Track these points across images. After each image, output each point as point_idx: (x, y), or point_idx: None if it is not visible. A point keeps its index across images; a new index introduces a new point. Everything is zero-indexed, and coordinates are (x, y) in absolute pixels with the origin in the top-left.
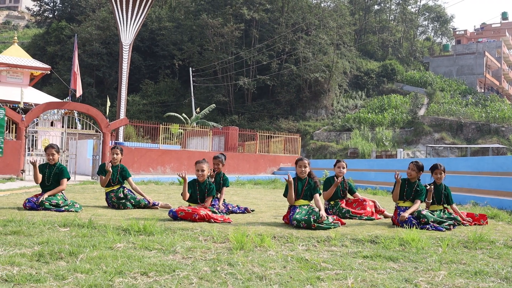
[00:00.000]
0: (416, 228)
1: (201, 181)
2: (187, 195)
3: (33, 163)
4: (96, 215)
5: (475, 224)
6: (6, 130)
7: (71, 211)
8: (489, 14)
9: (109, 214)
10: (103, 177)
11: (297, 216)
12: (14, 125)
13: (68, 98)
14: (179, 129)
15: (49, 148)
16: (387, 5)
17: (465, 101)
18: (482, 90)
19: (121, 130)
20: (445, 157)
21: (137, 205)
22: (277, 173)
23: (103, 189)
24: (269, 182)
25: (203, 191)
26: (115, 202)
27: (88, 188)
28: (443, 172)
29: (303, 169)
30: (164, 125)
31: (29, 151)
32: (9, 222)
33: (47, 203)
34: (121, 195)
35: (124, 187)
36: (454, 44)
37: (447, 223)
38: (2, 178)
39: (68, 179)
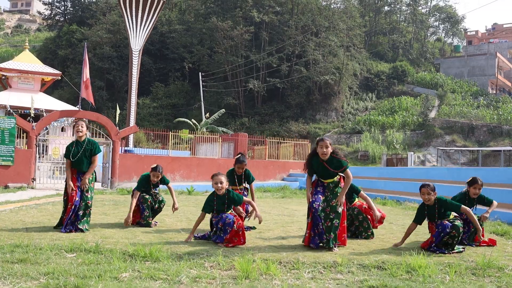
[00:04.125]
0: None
1: (221, 194)
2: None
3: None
4: (103, 237)
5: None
6: (17, 139)
7: (83, 228)
8: (501, 14)
9: (115, 236)
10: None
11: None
12: (24, 134)
13: (78, 106)
14: (189, 134)
15: (78, 121)
16: (397, 6)
17: (476, 103)
18: (494, 92)
19: (131, 136)
20: (456, 160)
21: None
22: (286, 179)
23: (112, 202)
24: (278, 189)
25: (223, 203)
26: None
27: (97, 200)
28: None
29: (324, 150)
30: (173, 132)
31: (39, 158)
32: (16, 247)
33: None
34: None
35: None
36: (465, 45)
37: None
38: (13, 187)
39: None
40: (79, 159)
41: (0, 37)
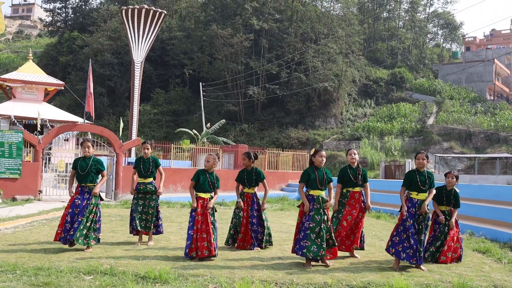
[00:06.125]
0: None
1: (209, 171)
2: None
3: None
4: (115, 258)
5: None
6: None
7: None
8: (498, 19)
9: (127, 257)
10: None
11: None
12: (31, 147)
13: (84, 120)
14: (190, 145)
15: (85, 141)
16: (396, 13)
17: (474, 110)
18: (492, 98)
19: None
20: (453, 167)
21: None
22: (285, 189)
23: (118, 218)
24: (277, 200)
25: (213, 181)
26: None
27: (103, 215)
28: (455, 178)
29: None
30: (175, 144)
31: (44, 169)
32: (39, 270)
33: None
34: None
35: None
36: (463, 51)
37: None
38: (21, 199)
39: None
40: (86, 173)
41: (1, 43)
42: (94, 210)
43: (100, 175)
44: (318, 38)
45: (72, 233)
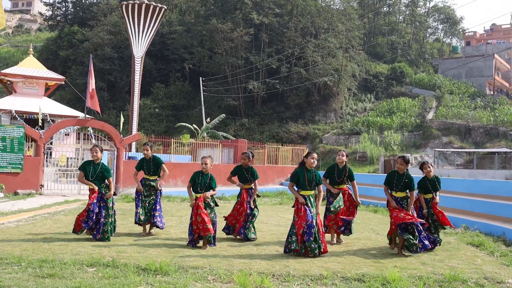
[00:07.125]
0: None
1: (205, 173)
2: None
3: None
4: (117, 251)
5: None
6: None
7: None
8: (499, 14)
9: (128, 250)
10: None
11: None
12: (33, 142)
13: (85, 115)
14: (190, 139)
15: (94, 147)
16: (396, 7)
17: (473, 104)
18: (491, 93)
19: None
20: (452, 161)
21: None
22: (284, 184)
23: (120, 212)
24: (277, 195)
25: (206, 182)
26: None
27: None
28: (431, 166)
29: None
30: (176, 139)
31: (46, 162)
32: (43, 262)
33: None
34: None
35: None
36: (463, 45)
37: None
38: (23, 193)
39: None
40: (95, 178)
41: (1, 37)
42: (111, 208)
43: (106, 181)
44: (318, 32)
45: (101, 235)
